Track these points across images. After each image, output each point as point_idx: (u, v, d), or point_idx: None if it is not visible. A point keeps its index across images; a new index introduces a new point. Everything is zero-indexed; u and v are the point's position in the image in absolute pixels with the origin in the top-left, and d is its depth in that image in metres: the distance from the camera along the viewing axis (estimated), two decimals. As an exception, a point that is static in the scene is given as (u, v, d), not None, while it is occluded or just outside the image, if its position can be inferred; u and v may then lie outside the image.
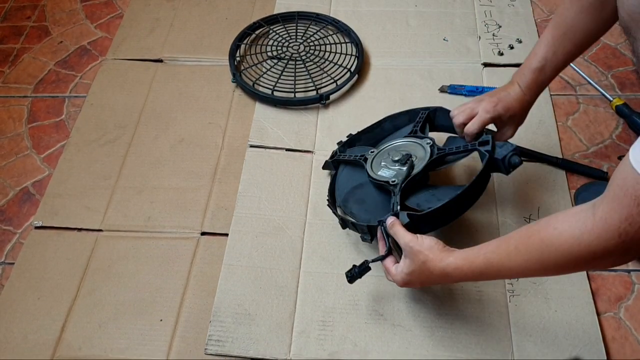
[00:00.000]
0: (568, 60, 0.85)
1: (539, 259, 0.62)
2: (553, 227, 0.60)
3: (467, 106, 0.90)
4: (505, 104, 0.88)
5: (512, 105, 0.87)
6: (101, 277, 0.94)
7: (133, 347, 0.86)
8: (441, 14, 1.31)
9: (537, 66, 0.85)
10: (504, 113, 0.87)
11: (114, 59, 1.27)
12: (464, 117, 0.89)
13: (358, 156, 0.96)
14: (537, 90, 0.88)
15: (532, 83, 0.86)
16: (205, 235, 0.98)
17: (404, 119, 1.03)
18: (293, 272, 0.92)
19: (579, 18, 0.80)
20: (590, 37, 0.82)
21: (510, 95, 0.88)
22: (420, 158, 0.91)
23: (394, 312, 0.87)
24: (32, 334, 0.88)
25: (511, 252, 0.65)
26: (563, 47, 0.83)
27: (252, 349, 0.84)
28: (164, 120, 1.15)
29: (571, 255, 0.59)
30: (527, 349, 0.83)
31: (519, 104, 0.87)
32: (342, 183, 0.99)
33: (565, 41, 0.83)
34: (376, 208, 0.91)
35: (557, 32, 0.83)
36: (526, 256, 0.63)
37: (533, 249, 0.62)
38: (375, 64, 1.22)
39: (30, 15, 1.41)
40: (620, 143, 1.06)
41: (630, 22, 0.64)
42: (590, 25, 0.80)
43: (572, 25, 0.81)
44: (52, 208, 1.03)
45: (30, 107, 1.21)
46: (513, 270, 0.66)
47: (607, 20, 0.79)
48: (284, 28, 1.29)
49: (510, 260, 0.65)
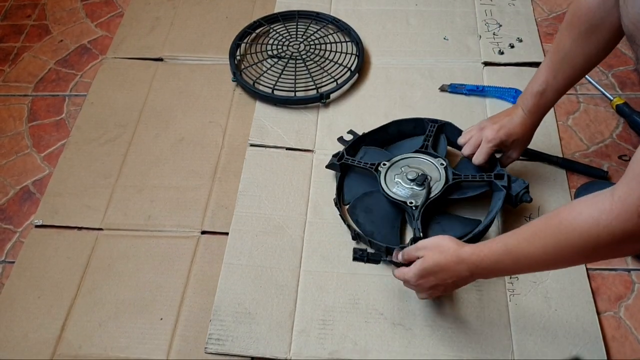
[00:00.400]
0: (569, 84, 0.86)
1: (557, 242, 0.60)
2: (571, 208, 0.59)
3: (472, 135, 0.93)
4: (508, 130, 0.90)
5: (514, 131, 0.90)
6: (101, 275, 0.94)
7: (133, 345, 0.86)
8: (441, 13, 1.31)
9: (538, 90, 0.87)
10: (506, 139, 0.90)
11: (114, 58, 1.27)
12: (470, 149, 0.93)
13: (369, 164, 0.97)
14: (539, 114, 0.90)
15: (534, 107, 0.88)
16: (206, 234, 0.98)
17: (409, 126, 1.05)
18: (293, 271, 0.92)
19: (575, 45, 0.81)
20: (589, 61, 0.83)
21: (513, 120, 0.90)
22: (435, 179, 0.94)
23: (394, 311, 0.87)
24: (32, 332, 0.88)
25: (529, 237, 0.64)
26: (563, 72, 0.84)
27: (252, 347, 0.84)
28: (164, 119, 1.15)
29: (590, 237, 0.57)
30: (527, 348, 0.83)
31: (522, 128, 0.90)
32: (351, 188, 1.00)
33: (565, 66, 0.84)
34: (382, 220, 0.94)
35: (557, 57, 0.84)
36: (544, 240, 0.62)
37: (551, 231, 0.61)
38: (375, 63, 1.22)
39: (30, 13, 1.41)
40: (621, 142, 1.06)
41: (634, 31, 0.64)
42: (587, 50, 0.81)
43: (570, 51, 0.82)
44: (53, 207, 1.03)
45: (30, 105, 1.21)
46: (531, 256, 0.64)
47: (605, 43, 0.80)
48: (284, 27, 1.29)
49: (528, 244, 0.63)
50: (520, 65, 1.19)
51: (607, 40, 0.79)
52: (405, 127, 1.05)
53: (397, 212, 0.95)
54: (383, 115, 1.12)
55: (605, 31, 0.78)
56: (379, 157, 1.01)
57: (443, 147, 1.01)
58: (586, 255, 0.61)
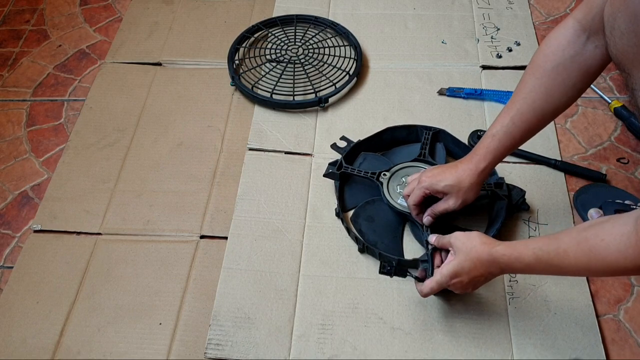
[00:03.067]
0: (526, 130, 0.79)
1: (587, 265, 0.64)
2: (601, 238, 0.62)
3: (414, 178, 0.90)
4: (443, 171, 0.84)
5: (452, 176, 0.83)
6: (100, 280, 0.94)
7: (132, 350, 0.86)
8: (439, 17, 1.31)
9: (491, 132, 0.80)
10: (437, 183, 0.83)
11: (112, 63, 1.27)
12: (408, 191, 0.89)
13: (369, 174, 0.97)
14: (489, 159, 0.81)
15: (482, 149, 0.81)
16: (205, 239, 0.98)
17: (403, 132, 1.05)
18: (292, 275, 0.92)
19: (537, 84, 0.76)
20: (551, 105, 0.76)
21: (457, 166, 0.83)
22: None
23: (394, 315, 0.87)
24: (31, 338, 0.88)
25: (560, 253, 0.66)
26: (521, 115, 0.78)
27: (251, 352, 0.84)
28: (163, 123, 1.15)
29: (617, 266, 0.61)
30: (527, 351, 0.83)
31: (462, 173, 0.82)
32: (351, 196, 1.00)
33: (524, 107, 0.77)
34: (384, 230, 0.94)
35: (517, 98, 0.78)
36: (575, 261, 0.65)
37: (582, 255, 0.64)
38: (373, 66, 1.22)
39: (29, 18, 1.41)
40: (619, 145, 1.06)
41: (623, 60, 0.63)
42: (550, 91, 0.75)
43: (531, 91, 0.76)
44: (51, 212, 1.02)
45: (29, 110, 1.21)
46: (561, 269, 0.68)
47: (571, 86, 0.75)
48: (282, 31, 1.29)
49: (559, 260, 0.67)
50: (518, 68, 1.19)
51: (574, 83, 0.74)
52: (399, 133, 1.05)
53: (399, 221, 0.95)
54: (381, 119, 1.12)
55: (574, 72, 0.74)
56: (378, 163, 1.01)
57: (442, 156, 1.02)
58: (614, 275, 0.71)
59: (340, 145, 1.05)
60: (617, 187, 1.00)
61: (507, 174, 1.02)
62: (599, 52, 0.72)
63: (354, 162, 1.03)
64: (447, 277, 0.77)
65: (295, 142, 1.10)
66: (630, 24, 0.60)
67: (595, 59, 0.73)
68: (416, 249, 0.93)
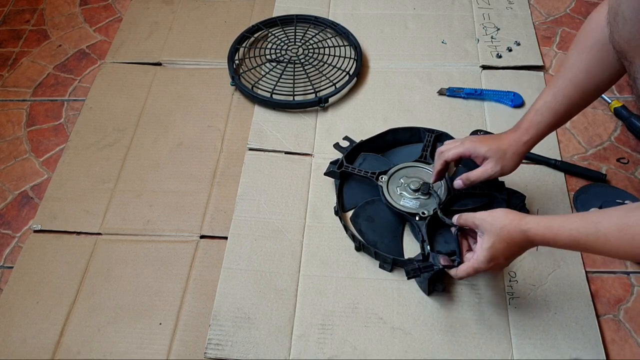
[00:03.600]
0: (568, 104, 0.79)
1: (629, 251, 0.64)
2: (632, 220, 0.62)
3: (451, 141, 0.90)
4: (486, 139, 0.85)
5: (493, 142, 0.84)
6: (100, 280, 0.94)
7: (132, 350, 0.86)
8: (439, 17, 1.31)
9: (534, 107, 0.82)
10: (479, 146, 0.84)
11: (112, 63, 1.27)
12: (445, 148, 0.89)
13: (369, 173, 0.97)
14: (531, 131, 0.82)
15: (526, 122, 0.82)
16: (205, 239, 0.98)
17: (405, 134, 1.05)
18: (292, 275, 0.92)
19: (578, 60, 0.77)
20: (591, 81, 0.77)
21: (500, 135, 0.85)
22: (436, 187, 0.94)
23: (394, 315, 0.87)
24: (30, 338, 0.88)
25: (600, 238, 0.66)
26: (563, 89, 0.79)
27: (251, 352, 0.84)
28: (163, 123, 1.15)
29: None
30: (527, 351, 0.83)
31: (505, 141, 0.83)
32: (351, 195, 1.00)
33: (565, 82, 0.78)
34: (384, 230, 0.94)
35: (560, 73, 0.79)
36: (616, 246, 0.64)
37: (624, 242, 0.64)
38: (373, 66, 1.23)
39: (29, 18, 1.41)
40: (619, 145, 1.06)
41: (626, 48, 0.63)
42: (590, 67, 0.76)
43: (572, 66, 0.77)
44: (51, 212, 1.02)
45: (29, 110, 1.21)
46: (598, 251, 0.67)
47: (610, 63, 0.74)
48: (282, 31, 1.29)
49: (598, 244, 0.66)
50: (518, 68, 1.19)
51: (611, 61, 0.74)
52: (401, 135, 1.06)
53: (399, 222, 0.95)
54: (381, 119, 1.12)
55: (612, 50, 0.72)
56: (378, 164, 1.01)
57: None
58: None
59: (343, 145, 1.06)
60: (617, 187, 1.00)
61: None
62: None
63: (354, 163, 1.03)
64: (484, 264, 0.76)
65: (295, 142, 1.10)
66: (635, 12, 0.59)
67: None
68: (416, 249, 0.92)
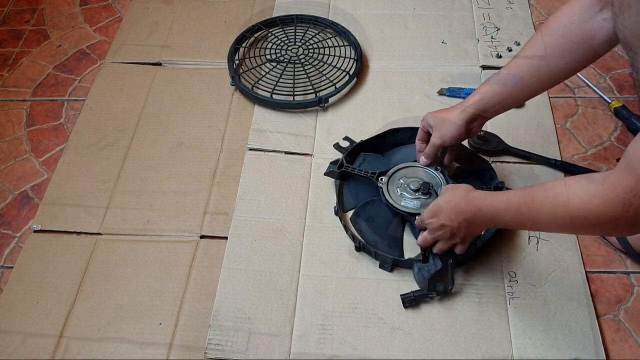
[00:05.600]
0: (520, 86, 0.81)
1: (551, 213, 0.66)
2: (566, 186, 0.64)
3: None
4: (438, 111, 0.91)
5: (441, 112, 0.90)
6: (100, 280, 0.94)
7: (132, 350, 0.86)
8: (439, 17, 1.31)
9: (489, 79, 0.85)
10: (427, 117, 0.92)
11: (112, 63, 1.27)
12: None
13: (369, 173, 0.97)
14: (472, 99, 0.86)
15: (475, 92, 0.86)
16: (205, 239, 0.98)
17: (406, 134, 1.05)
18: (292, 275, 0.92)
19: (539, 40, 0.79)
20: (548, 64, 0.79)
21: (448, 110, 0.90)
22: (437, 186, 0.94)
23: (394, 316, 0.87)
24: (31, 338, 0.88)
25: (528, 200, 0.69)
26: (517, 65, 0.81)
27: (251, 352, 0.84)
28: (163, 123, 1.15)
29: (579, 214, 0.63)
30: (526, 351, 0.83)
31: (448, 111, 0.89)
32: (351, 195, 1.00)
33: (522, 59, 0.81)
34: (384, 230, 0.94)
35: (521, 51, 0.82)
36: (540, 207, 0.68)
37: (547, 201, 0.67)
38: (373, 67, 1.22)
39: (29, 18, 1.41)
40: (619, 145, 1.06)
41: (631, 38, 0.63)
42: (550, 49, 0.78)
43: (533, 45, 0.80)
44: (51, 212, 1.02)
45: (29, 110, 1.21)
46: (528, 216, 0.70)
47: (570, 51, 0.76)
48: (282, 31, 1.29)
49: (527, 207, 0.69)
50: (518, 68, 1.19)
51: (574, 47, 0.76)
52: (401, 135, 1.05)
53: (399, 222, 0.95)
54: (381, 119, 1.12)
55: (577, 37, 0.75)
56: (378, 164, 1.01)
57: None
58: (574, 228, 0.67)
59: (343, 145, 1.06)
60: (617, 187, 1.00)
61: (507, 174, 1.02)
62: (606, 26, 0.73)
63: (354, 163, 1.03)
64: (427, 214, 0.83)
65: (295, 142, 1.10)
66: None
67: (601, 30, 0.74)
68: (416, 249, 0.92)
